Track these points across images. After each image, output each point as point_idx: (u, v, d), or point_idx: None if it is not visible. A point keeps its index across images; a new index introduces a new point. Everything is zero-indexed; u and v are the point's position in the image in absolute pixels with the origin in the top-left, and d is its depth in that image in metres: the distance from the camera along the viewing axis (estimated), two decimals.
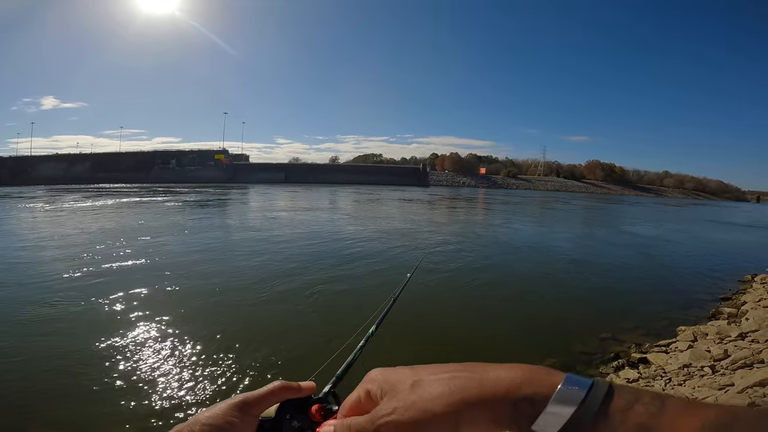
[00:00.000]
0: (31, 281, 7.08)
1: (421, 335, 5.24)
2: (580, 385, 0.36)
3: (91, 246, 10.00)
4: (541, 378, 0.37)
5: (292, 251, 10.09)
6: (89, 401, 3.70)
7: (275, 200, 29.07)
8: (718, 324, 5.88)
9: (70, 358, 4.40)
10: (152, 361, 4.40)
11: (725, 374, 4.02)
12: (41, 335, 4.95)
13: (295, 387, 0.55)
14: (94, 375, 4.09)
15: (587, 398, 0.35)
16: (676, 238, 16.81)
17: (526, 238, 14.84)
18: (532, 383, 0.37)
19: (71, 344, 4.71)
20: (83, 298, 6.18)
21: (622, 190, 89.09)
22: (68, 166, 63.50)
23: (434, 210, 26.14)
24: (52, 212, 18.65)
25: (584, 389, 0.36)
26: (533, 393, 0.36)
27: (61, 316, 5.54)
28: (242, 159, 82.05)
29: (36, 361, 4.31)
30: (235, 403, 0.50)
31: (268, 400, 0.53)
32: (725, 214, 38.96)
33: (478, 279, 8.34)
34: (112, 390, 3.87)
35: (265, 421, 0.53)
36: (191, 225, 14.61)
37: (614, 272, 9.60)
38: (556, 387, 0.36)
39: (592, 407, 0.35)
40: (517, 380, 0.37)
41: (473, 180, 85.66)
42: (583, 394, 0.35)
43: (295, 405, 0.55)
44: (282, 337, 5.13)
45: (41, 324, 5.28)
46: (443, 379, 0.40)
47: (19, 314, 5.56)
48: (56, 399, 3.72)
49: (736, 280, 9.29)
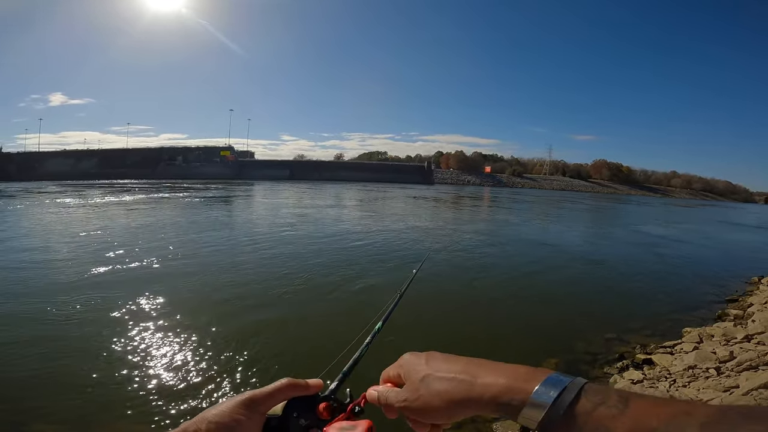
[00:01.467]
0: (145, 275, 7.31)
1: (426, 333, 5.26)
2: (556, 386, 0.41)
3: (156, 238, 10.25)
4: (520, 384, 0.43)
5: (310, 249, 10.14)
6: (97, 395, 3.75)
7: (288, 198, 29.08)
8: (724, 326, 5.84)
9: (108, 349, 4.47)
10: (161, 355, 4.46)
11: (730, 376, 4.00)
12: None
13: (302, 384, 0.55)
14: (110, 368, 4.16)
15: (556, 402, 0.39)
16: (684, 238, 16.68)
17: (531, 236, 14.77)
18: (510, 390, 0.43)
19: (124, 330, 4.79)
20: (173, 283, 6.71)
21: (628, 190, 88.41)
22: (76, 162, 63.90)
23: (440, 208, 26.08)
24: (90, 208, 18.60)
25: (558, 391, 0.40)
26: (510, 399, 0.43)
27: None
28: (248, 156, 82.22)
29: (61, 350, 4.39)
30: (242, 401, 0.51)
31: (275, 398, 0.53)
32: (734, 215, 38.56)
33: (482, 276, 8.34)
34: (121, 383, 3.92)
35: (272, 418, 0.53)
36: (226, 221, 14.88)
37: (621, 271, 9.55)
38: (530, 393, 0.42)
39: (559, 411, 0.39)
40: (499, 387, 0.44)
41: (478, 178, 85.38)
42: (553, 399, 0.40)
43: (302, 403, 0.55)
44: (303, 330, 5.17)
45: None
46: (444, 379, 0.48)
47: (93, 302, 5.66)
48: (61, 393, 3.77)
49: (743, 282, 9.21)
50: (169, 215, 16.50)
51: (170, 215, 16.50)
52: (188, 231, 12.32)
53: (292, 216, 17.42)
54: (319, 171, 73.82)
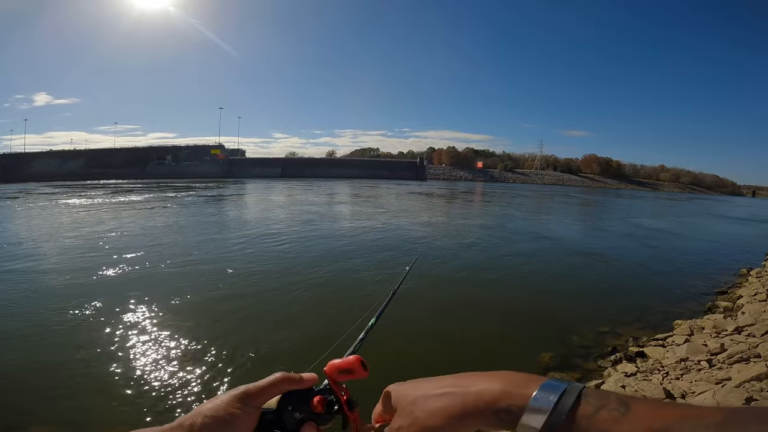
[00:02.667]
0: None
1: (417, 328, 5.22)
2: (555, 391, 0.40)
3: (172, 237, 10.02)
4: (517, 390, 0.42)
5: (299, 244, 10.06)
6: (92, 391, 3.70)
7: (279, 196, 28.88)
8: (714, 318, 5.89)
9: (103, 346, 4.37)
10: (156, 352, 4.38)
11: (722, 368, 4.02)
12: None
13: (296, 378, 0.55)
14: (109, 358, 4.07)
15: (556, 407, 0.38)
16: (673, 231, 16.87)
17: (523, 230, 14.80)
18: (507, 395, 0.42)
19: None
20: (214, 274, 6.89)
21: (618, 184, 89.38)
22: (62, 162, 62.87)
23: (432, 203, 26.08)
24: (99, 207, 18.36)
25: (557, 396, 0.39)
26: (509, 405, 0.41)
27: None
28: (238, 154, 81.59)
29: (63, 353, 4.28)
30: (237, 395, 0.51)
31: (270, 392, 0.53)
32: (723, 207, 39.19)
33: (474, 271, 8.32)
34: (117, 381, 3.85)
35: (267, 412, 0.54)
36: (217, 220, 14.67)
37: (612, 265, 9.61)
38: (529, 398, 0.40)
39: (561, 416, 0.38)
40: (495, 393, 0.42)
41: (470, 174, 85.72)
42: (553, 404, 0.39)
43: (296, 396, 0.55)
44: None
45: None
46: (436, 396, 0.46)
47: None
48: (58, 393, 3.70)
49: (732, 274, 9.33)
50: (160, 215, 16.29)
51: (161, 215, 16.29)
52: (169, 232, 12.15)
53: (283, 214, 17.29)
54: (310, 168, 73.57)
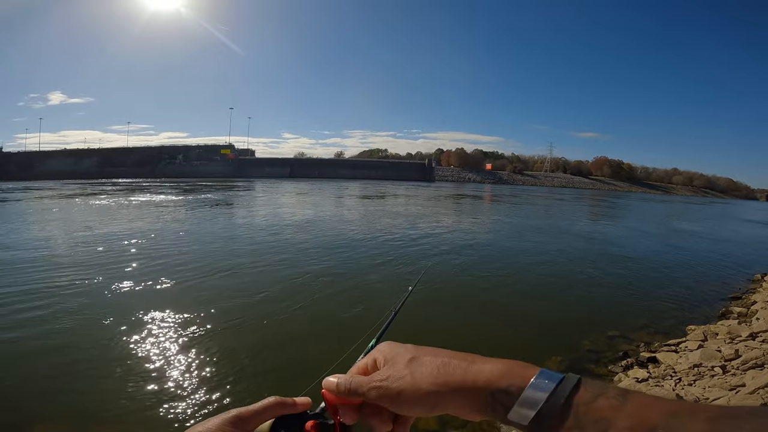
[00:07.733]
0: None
1: (424, 331, 5.21)
2: (552, 378, 0.40)
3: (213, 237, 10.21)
4: (518, 372, 0.42)
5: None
6: (95, 399, 3.73)
7: (287, 196, 29.03)
8: (728, 323, 5.82)
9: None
10: (157, 361, 4.44)
11: (736, 374, 3.98)
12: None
13: (290, 403, 0.54)
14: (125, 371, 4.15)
15: (556, 390, 0.39)
16: (685, 235, 16.65)
17: (533, 232, 14.70)
18: (509, 376, 0.42)
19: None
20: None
21: (629, 187, 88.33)
22: (77, 161, 64.00)
23: (440, 206, 26.04)
24: (135, 207, 18.72)
25: (555, 382, 0.40)
26: (508, 385, 0.41)
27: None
28: (248, 154, 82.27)
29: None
30: (229, 418, 0.50)
31: (263, 416, 0.52)
32: (738, 211, 38.44)
33: (482, 275, 8.30)
34: (119, 387, 3.90)
35: None
36: (223, 223, 14.81)
37: (623, 268, 9.52)
38: (530, 380, 0.41)
39: (560, 399, 0.38)
40: (496, 373, 0.43)
41: (479, 176, 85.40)
42: (553, 387, 0.39)
43: (289, 421, 0.54)
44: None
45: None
46: (435, 362, 0.45)
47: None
48: (64, 393, 3.77)
49: (746, 279, 9.19)
50: (168, 218, 16.51)
51: (168, 217, 16.52)
52: (171, 230, 12.29)
53: (291, 217, 17.41)
54: (319, 169, 73.96)
